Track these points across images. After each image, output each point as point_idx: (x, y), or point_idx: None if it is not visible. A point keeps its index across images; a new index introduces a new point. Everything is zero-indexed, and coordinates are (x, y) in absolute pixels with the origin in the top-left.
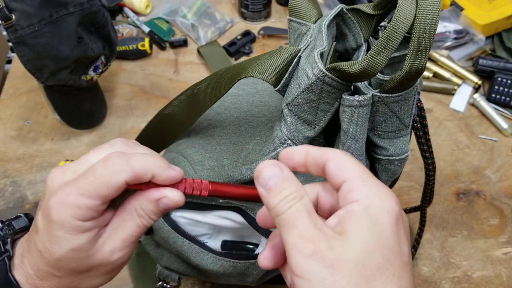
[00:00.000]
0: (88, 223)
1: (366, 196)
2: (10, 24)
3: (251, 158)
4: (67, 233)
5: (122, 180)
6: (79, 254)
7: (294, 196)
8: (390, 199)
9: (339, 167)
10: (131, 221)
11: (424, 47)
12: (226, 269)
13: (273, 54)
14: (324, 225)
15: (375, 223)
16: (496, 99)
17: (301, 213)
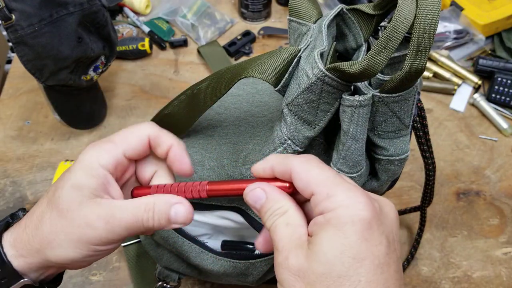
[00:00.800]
0: (102, 170)
1: (331, 208)
2: (10, 24)
3: (251, 158)
4: (81, 168)
5: (146, 133)
6: (75, 194)
7: (277, 212)
8: (358, 205)
9: (304, 181)
10: (134, 208)
11: (424, 47)
12: (226, 269)
13: (273, 54)
14: (302, 235)
15: (338, 233)
16: (496, 99)
17: (279, 227)
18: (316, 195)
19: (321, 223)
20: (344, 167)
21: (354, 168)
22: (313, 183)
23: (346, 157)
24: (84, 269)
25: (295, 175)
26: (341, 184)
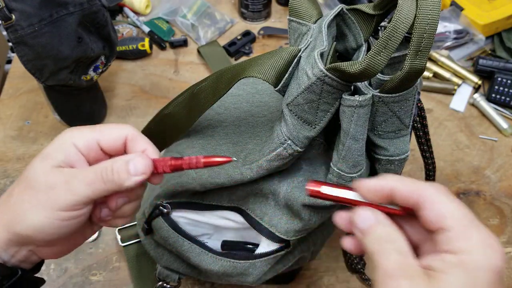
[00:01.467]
0: (73, 149)
1: (466, 250)
2: (10, 24)
3: (251, 158)
4: (53, 145)
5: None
6: (43, 164)
7: (386, 238)
8: (494, 253)
9: (438, 215)
10: (94, 169)
11: (424, 47)
12: (226, 269)
13: (273, 54)
14: (415, 265)
15: (470, 277)
16: (496, 99)
17: (390, 253)
18: (450, 232)
19: (452, 262)
20: (344, 167)
21: (354, 168)
22: (449, 218)
23: (346, 157)
24: (84, 269)
25: (427, 204)
26: (478, 226)
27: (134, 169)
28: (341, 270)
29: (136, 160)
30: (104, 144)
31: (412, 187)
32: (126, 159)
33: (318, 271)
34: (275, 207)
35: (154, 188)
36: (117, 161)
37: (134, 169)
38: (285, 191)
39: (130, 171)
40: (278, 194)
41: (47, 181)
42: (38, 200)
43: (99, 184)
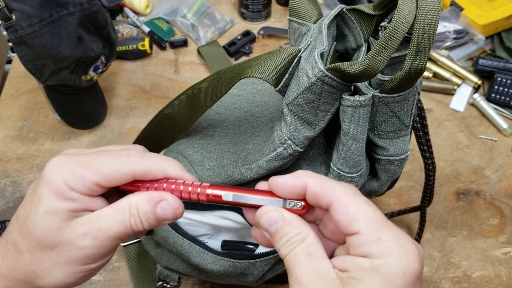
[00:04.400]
0: (74, 193)
1: (380, 255)
2: (10, 24)
3: (251, 158)
4: (50, 193)
5: (131, 170)
6: (51, 220)
7: (294, 239)
8: (410, 256)
9: (350, 217)
10: (119, 215)
11: (424, 47)
12: (226, 269)
13: (273, 54)
14: (328, 269)
15: (386, 284)
16: (496, 99)
17: (300, 258)
18: (362, 235)
19: (366, 268)
20: (344, 167)
21: (354, 168)
22: (362, 221)
23: (346, 157)
24: None
25: (339, 206)
26: (392, 229)
27: (163, 214)
28: None
29: (164, 206)
30: (105, 185)
31: (326, 186)
32: (152, 199)
33: None
34: None
35: None
36: (142, 205)
37: (163, 214)
38: None
39: (159, 216)
40: None
41: (69, 239)
42: (61, 259)
43: (129, 233)
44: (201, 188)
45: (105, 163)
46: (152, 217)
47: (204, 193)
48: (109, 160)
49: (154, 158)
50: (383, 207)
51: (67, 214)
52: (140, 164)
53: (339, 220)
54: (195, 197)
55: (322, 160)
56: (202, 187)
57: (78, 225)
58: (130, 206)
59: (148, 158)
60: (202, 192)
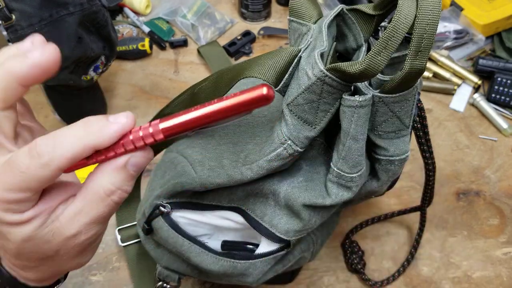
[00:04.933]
0: (26, 214)
1: None
2: (10, 24)
3: (251, 158)
4: (8, 227)
5: (54, 171)
6: (35, 243)
7: None
8: None
9: None
10: (98, 203)
11: (424, 47)
12: (226, 269)
13: (273, 55)
14: None
15: None
16: (496, 99)
17: None
18: None
19: None
20: (344, 167)
21: (354, 168)
22: None
23: (346, 157)
24: (84, 269)
25: None
26: None
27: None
28: (341, 270)
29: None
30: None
31: None
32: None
33: (318, 271)
34: (275, 207)
35: (154, 188)
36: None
37: (136, 168)
38: (285, 191)
39: (131, 172)
40: (278, 194)
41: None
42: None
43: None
44: (153, 127)
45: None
46: (130, 178)
47: (158, 130)
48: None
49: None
50: (383, 207)
51: (42, 229)
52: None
53: None
54: (151, 140)
55: (322, 160)
56: (153, 125)
57: (62, 230)
58: (103, 187)
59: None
60: (155, 131)
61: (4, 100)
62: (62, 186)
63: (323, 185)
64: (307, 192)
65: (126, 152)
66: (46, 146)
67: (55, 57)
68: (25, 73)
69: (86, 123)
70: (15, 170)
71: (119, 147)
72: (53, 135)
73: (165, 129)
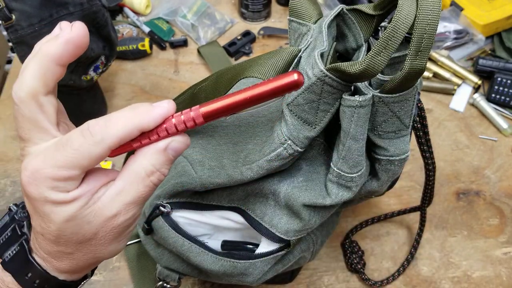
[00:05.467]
0: (72, 193)
1: None
2: (10, 24)
3: (252, 158)
4: (53, 207)
5: (105, 149)
6: (76, 223)
7: None
8: None
9: None
10: (137, 183)
11: (424, 47)
12: (226, 269)
13: (273, 55)
14: None
15: None
16: (496, 99)
17: None
18: None
19: None
20: (344, 167)
21: (354, 168)
22: None
23: (346, 157)
24: None
25: None
26: None
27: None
28: (341, 270)
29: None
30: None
31: None
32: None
33: (318, 271)
34: (275, 207)
35: None
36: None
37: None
38: (285, 191)
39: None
40: (278, 194)
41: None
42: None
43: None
44: (194, 112)
45: (76, 157)
46: (169, 162)
47: (199, 114)
48: (78, 152)
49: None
50: (383, 207)
51: (85, 209)
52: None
53: None
54: (192, 124)
55: (322, 160)
56: (194, 110)
57: (103, 210)
58: (144, 168)
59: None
60: (196, 115)
61: (45, 84)
62: (103, 171)
63: (323, 185)
64: (307, 192)
65: (169, 135)
66: (99, 126)
67: (83, 31)
68: (60, 51)
69: (133, 107)
70: (68, 148)
71: (162, 130)
72: (104, 117)
73: (205, 113)
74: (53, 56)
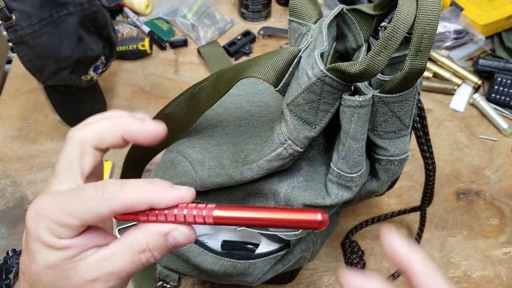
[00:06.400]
0: (64, 241)
1: None
2: (10, 24)
3: (251, 158)
4: (42, 247)
5: (109, 210)
6: (56, 273)
7: None
8: None
9: None
10: (126, 255)
11: (424, 47)
12: (226, 269)
13: (273, 55)
14: None
15: None
16: (496, 99)
17: None
18: None
19: None
20: (344, 167)
21: (354, 168)
22: None
23: (346, 157)
24: None
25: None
26: None
27: (176, 243)
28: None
29: (175, 236)
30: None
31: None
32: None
33: (318, 271)
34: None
35: None
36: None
37: (175, 243)
38: (285, 191)
39: (172, 246)
40: (278, 194)
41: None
42: None
43: (141, 269)
44: (207, 211)
45: (81, 208)
46: (165, 249)
47: (211, 215)
48: (84, 204)
49: (132, 188)
50: (383, 207)
51: (68, 262)
52: (117, 200)
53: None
54: (201, 221)
55: (322, 160)
56: (208, 209)
57: (85, 271)
58: (138, 243)
59: (126, 190)
60: (208, 215)
61: (101, 141)
62: (101, 233)
63: (323, 185)
64: (307, 192)
65: (175, 222)
66: (114, 186)
67: (161, 134)
68: (134, 131)
69: (152, 181)
70: (77, 197)
71: (171, 215)
72: (123, 181)
73: (217, 217)
74: (124, 129)
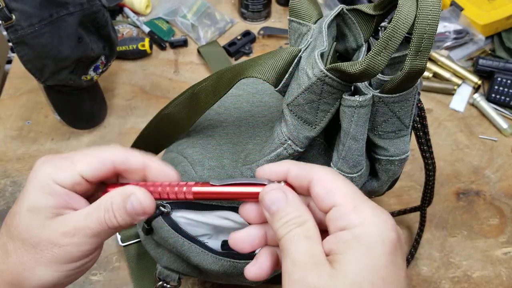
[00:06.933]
0: (58, 187)
1: (358, 224)
2: (10, 24)
3: (251, 158)
4: (34, 188)
5: (111, 157)
6: (33, 217)
7: (294, 221)
8: (386, 225)
9: (327, 190)
10: (95, 212)
11: (424, 48)
12: (226, 269)
13: (273, 55)
14: (321, 253)
15: (368, 253)
16: (496, 99)
17: (297, 239)
18: (339, 207)
19: (347, 240)
20: (344, 167)
21: (354, 168)
22: (338, 194)
23: (346, 157)
24: None
25: (317, 181)
26: (367, 201)
27: (132, 210)
28: None
29: (132, 200)
30: (88, 176)
31: (305, 168)
32: (124, 193)
33: None
34: None
35: None
36: (116, 199)
37: (132, 210)
38: None
39: (129, 212)
40: None
41: (49, 238)
42: (44, 258)
43: (106, 230)
44: (187, 187)
45: (86, 153)
46: (124, 212)
47: (190, 191)
48: (90, 151)
49: (133, 150)
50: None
51: (50, 211)
52: (119, 151)
53: (317, 195)
54: (182, 196)
55: (322, 160)
56: (188, 185)
57: (59, 224)
58: (105, 201)
59: (128, 149)
60: (188, 191)
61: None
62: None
63: None
64: None
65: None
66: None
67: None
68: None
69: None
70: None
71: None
72: None
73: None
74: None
